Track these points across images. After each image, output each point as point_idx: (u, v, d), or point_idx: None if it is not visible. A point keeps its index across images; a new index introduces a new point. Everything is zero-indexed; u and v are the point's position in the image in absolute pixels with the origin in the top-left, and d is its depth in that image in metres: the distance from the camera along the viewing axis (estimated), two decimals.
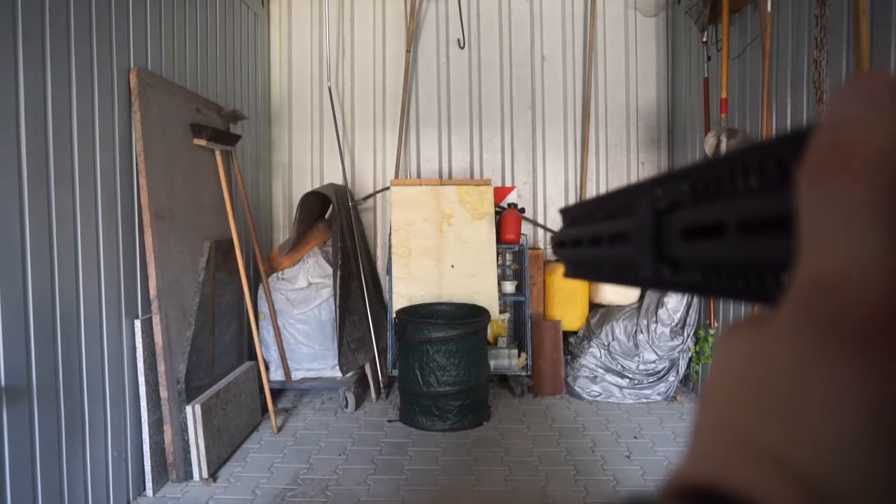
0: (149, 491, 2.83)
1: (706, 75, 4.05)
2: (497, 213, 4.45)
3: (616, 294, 4.32)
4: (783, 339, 0.17)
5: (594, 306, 4.49)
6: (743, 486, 0.15)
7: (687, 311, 4.06)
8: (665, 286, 0.27)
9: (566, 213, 0.41)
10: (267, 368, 3.82)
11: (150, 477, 2.82)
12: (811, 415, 0.15)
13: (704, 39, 4.07)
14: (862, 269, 0.15)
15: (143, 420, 2.81)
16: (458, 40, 4.89)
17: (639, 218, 0.28)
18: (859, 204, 0.15)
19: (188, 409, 2.94)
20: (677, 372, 4.12)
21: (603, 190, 4.95)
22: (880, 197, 0.15)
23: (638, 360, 4.08)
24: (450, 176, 4.92)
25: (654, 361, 4.08)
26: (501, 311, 4.55)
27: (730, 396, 0.18)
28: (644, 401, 4.10)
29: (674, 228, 0.25)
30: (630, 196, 0.29)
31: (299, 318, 3.92)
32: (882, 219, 0.15)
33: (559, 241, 0.41)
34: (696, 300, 4.05)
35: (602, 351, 4.16)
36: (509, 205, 4.50)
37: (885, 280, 0.15)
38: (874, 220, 0.15)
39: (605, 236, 0.33)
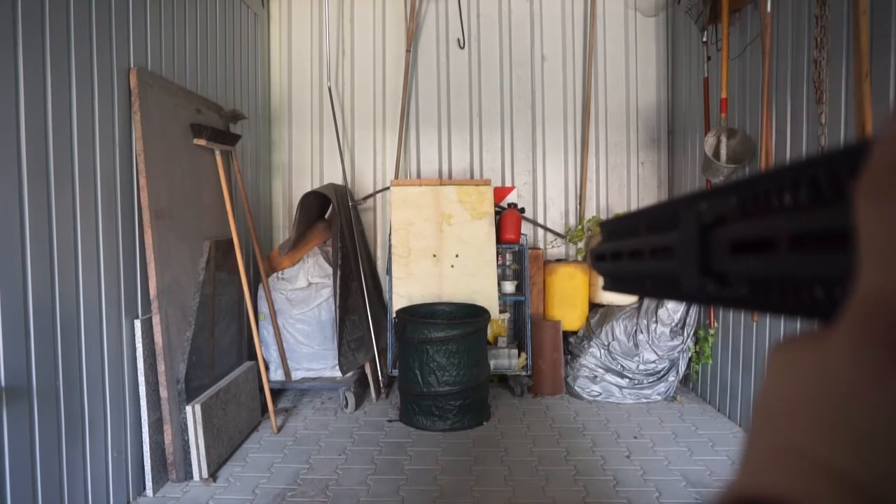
0: (149, 491, 2.83)
1: (706, 75, 4.06)
2: (497, 213, 4.45)
3: (616, 294, 4.32)
4: (842, 357, 0.17)
5: (594, 306, 4.49)
6: (804, 499, 0.15)
7: (687, 311, 4.06)
8: (710, 301, 0.27)
9: (605, 226, 0.41)
10: (267, 368, 3.82)
11: (150, 477, 2.82)
12: (872, 430, 0.15)
13: (704, 39, 4.07)
14: None
15: (143, 420, 2.81)
16: (458, 40, 4.89)
17: (683, 232, 0.27)
18: None
19: (188, 409, 2.95)
20: (677, 372, 4.12)
21: (603, 190, 4.96)
22: None
23: (638, 359, 4.08)
24: (450, 176, 4.92)
25: (654, 361, 4.08)
26: (501, 311, 4.55)
27: (787, 412, 0.18)
28: (644, 401, 4.10)
29: (721, 243, 0.25)
30: (673, 210, 0.29)
31: (299, 317, 3.92)
32: None
33: (598, 255, 0.41)
34: None
35: (602, 351, 4.16)
36: (509, 205, 4.50)
37: None
38: None
39: (646, 250, 0.33)
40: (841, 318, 0.17)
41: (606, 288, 0.40)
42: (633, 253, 0.35)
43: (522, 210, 4.57)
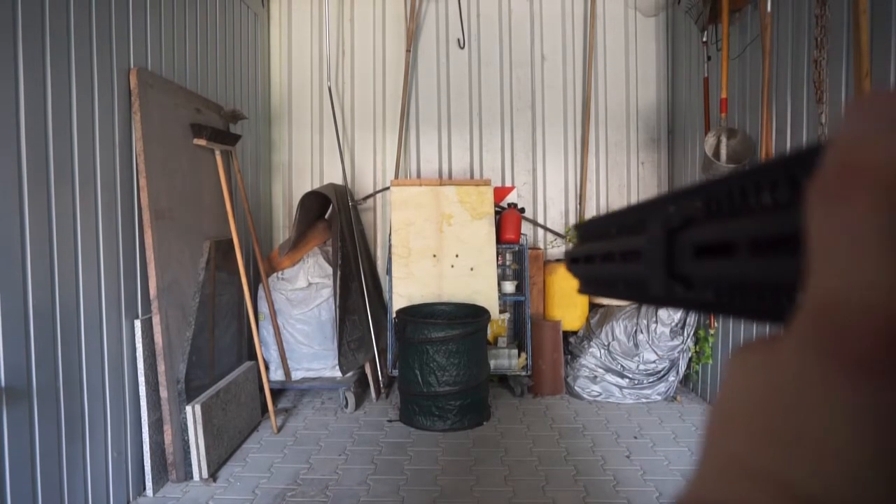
0: (149, 491, 2.83)
1: (706, 75, 4.05)
2: (497, 213, 4.45)
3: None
4: (789, 361, 0.17)
5: (594, 306, 4.49)
6: None
7: (687, 312, 4.06)
8: (678, 304, 0.27)
9: (579, 229, 0.41)
10: (267, 368, 3.82)
11: (150, 477, 2.82)
12: (813, 437, 0.15)
13: (704, 39, 4.07)
14: (868, 292, 0.15)
15: (143, 420, 2.81)
16: (458, 40, 4.89)
17: (651, 235, 0.27)
18: (867, 225, 0.15)
19: (188, 409, 2.95)
20: (677, 372, 4.12)
21: (603, 190, 4.97)
22: (888, 219, 0.15)
23: (638, 359, 4.08)
24: (450, 176, 4.92)
25: (654, 361, 4.08)
26: (501, 311, 4.55)
27: (734, 418, 0.18)
28: (644, 401, 4.10)
29: (686, 246, 0.25)
30: (643, 213, 0.29)
31: (299, 318, 3.92)
32: (889, 241, 0.15)
33: (572, 257, 0.41)
34: None
35: (602, 351, 4.16)
36: (509, 205, 4.50)
37: (891, 304, 0.14)
38: (881, 242, 0.15)
39: (617, 253, 0.33)
40: (791, 323, 0.17)
41: (581, 291, 0.41)
42: (605, 256, 0.35)
43: (522, 210, 4.57)
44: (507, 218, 4.38)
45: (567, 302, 4.42)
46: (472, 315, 3.88)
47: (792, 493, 0.15)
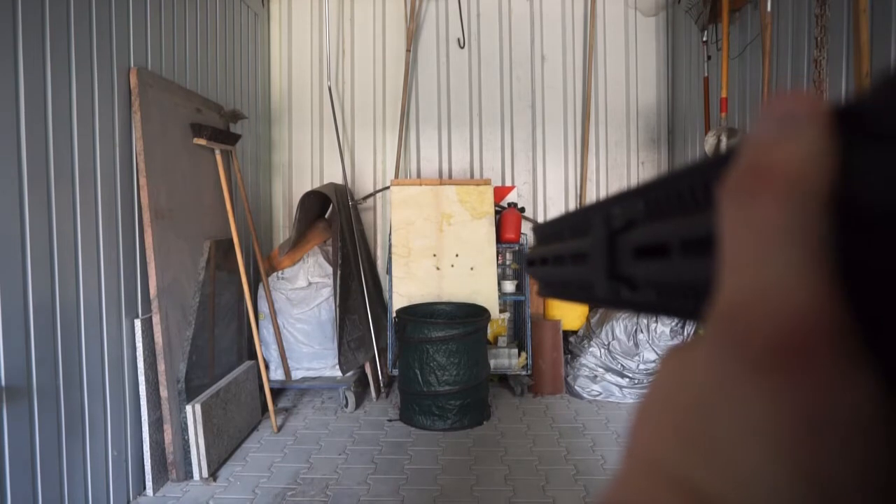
0: (149, 490, 2.83)
1: (706, 75, 4.05)
2: (497, 212, 4.45)
3: None
4: (699, 361, 0.17)
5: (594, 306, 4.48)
6: None
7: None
8: (623, 306, 0.27)
9: (537, 231, 0.41)
10: (267, 368, 3.82)
11: (150, 476, 2.83)
12: (717, 438, 0.15)
13: (704, 39, 4.07)
14: (771, 292, 0.15)
15: (143, 419, 2.81)
16: (458, 40, 4.89)
17: (595, 237, 0.28)
18: (772, 225, 0.15)
19: (188, 408, 2.95)
20: None
21: (603, 190, 4.97)
22: (792, 219, 0.15)
23: (638, 359, 4.08)
24: (450, 176, 4.92)
25: (654, 361, 4.08)
26: (501, 311, 4.55)
27: (653, 421, 0.18)
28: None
29: (627, 247, 0.25)
30: (589, 215, 0.29)
31: (299, 317, 3.92)
32: (793, 241, 0.15)
33: (529, 260, 0.41)
34: None
35: (602, 350, 4.16)
36: (509, 204, 4.50)
37: (794, 302, 0.14)
38: (785, 242, 0.15)
39: (567, 255, 0.33)
40: (704, 323, 0.17)
41: (540, 294, 0.41)
42: (556, 259, 0.35)
43: (522, 210, 4.57)
44: (507, 217, 4.38)
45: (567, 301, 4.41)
46: (472, 315, 3.88)
47: (695, 494, 0.15)
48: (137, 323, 2.80)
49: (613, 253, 0.26)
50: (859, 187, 0.14)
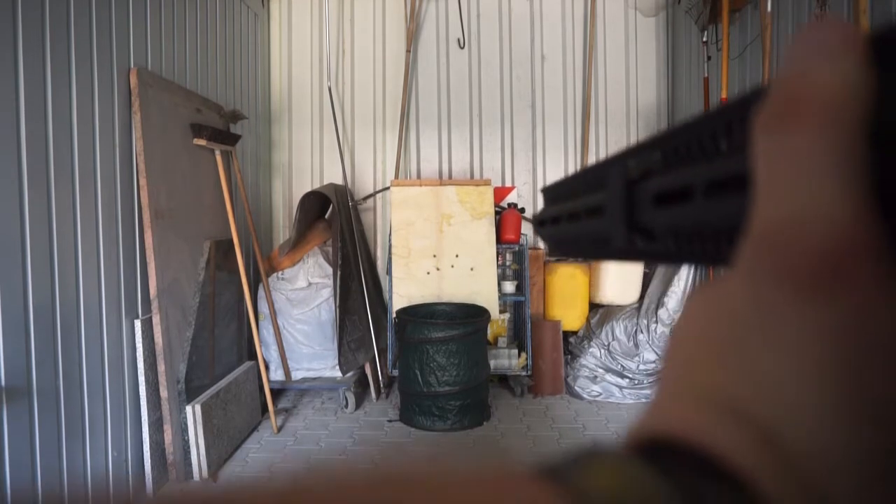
0: (149, 490, 2.83)
1: (706, 75, 4.05)
2: (497, 213, 4.45)
3: (616, 294, 4.32)
4: (736, 288, 0.17)
5: (594, 306, 4.49)
6: (698, 434, 0.15)
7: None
8: (640, 256, 0.27)
9: (547, 192, 0.41)
10: (267, 368, 3.82)
11: (150, 476, 2.82)
12: (763, 361, 0.15)
13: (704, 39, 4.07)
14: (811, 215, 0.15)
15: (143, 420, 2.81)
16: (458, 40, 4.89)
17: (611, 188, 0.28)
18: (810, 151, 0.15)
19: (188, 408, 2.94)
20: None
21: None
22: (831, 144, 0.15)
23: (638, 359, 4.08)
24: (450, 176, 4.92)
25: (654, 361, 4.08)
26: (501, 311, 4.55)
27: (687, 348, 0.18)
28: (644, 401, 4.10)
29: (645, 196, 0.25)
30: (605, 169, 0.29)
31: (299, 318, 3.92)
32: (830, 167, 0.15)
33: (540, 220, 0.41)
34: None
35: (602, 351, 4.16)
36: (509, 205, 4.50)
37: (833, 225, 0.15)
38: (823, 168, 0.15)
39: (582, 211, 0.33)
40: (738, 253, 0.17)
41: (549, 253, 0.41)
42: (571, 215, 0.35)
43: (522, 210, 4.57)
44: (507, 218, 4.38)
45: (567, 302, 4.42)
46: (472, 315, 3.88)
47: (736, 413, 0.15)
48: (137, 323, 2.80)
49: (631, 202, 0.26)
50: (893, 111, 0.14)
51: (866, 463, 0.14)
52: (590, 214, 0.31)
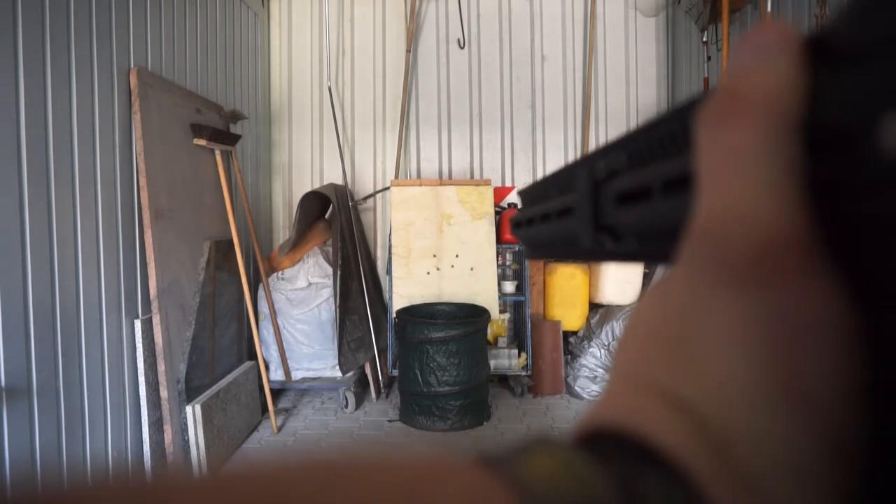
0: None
1: (706, 75, 4.06)
2: (497, 213, 4.45)
3: (616, 294, 4.32)
4: (677, 279, 0.17)
5: (594, 306, 4.49)
6: (636, 422, 0.16)
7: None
8: (607, 257, 0.27)
9: (523, 194, 0.41)
10: (267, 368, 3.82)
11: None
12: (698, 349, 0.16)
13: (704, 39, 4.07)
14: (746, 209, 0.16)
15: (143, 420, 2.81)
16: (458, 40, 4.89)
17: (579, 189, 0.28)
18: (745, 147, 0.16)
19: (188, 409, 2.94)
20: None
21: None
22: (765, 140, 0.16)
23: None
24: (450, 176, 4.92)
25: None
26: (501, 311, 4.55)
27: (633, 342, 0.18)
28: None
29: (609, 196, 0.26)
30: (574, 170, 0.30)
31: (299, 318, 3.92)
32: (765, 162, 0.16)
33: (516, 222, 0.41)
34: None
35: (602, 351, 4.16)
36: (509, 205, 4.50)
37: (764, 218, 0.15)
38: (758, 162, 0.16)
39: (553, 212, 0.33)
40: (682, 247, 0.18)
41: (527, 256, 0.42)
42: (543, 216, 0.35)
43: None
44: (507, 218, 4.38)
45: (567, 302, 4.42)
46: (472, 315, 3.88)
47: (677, 401, 0.16)
48: (137, 323, 2.80)
49: (598, 203, 0.27)
50: (825, 110, 0.15)
51: (794, 446, 0.14)
52: (560, 215, 0.32)
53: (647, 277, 4.30)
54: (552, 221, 0.33)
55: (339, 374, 3.90)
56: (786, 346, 0.15)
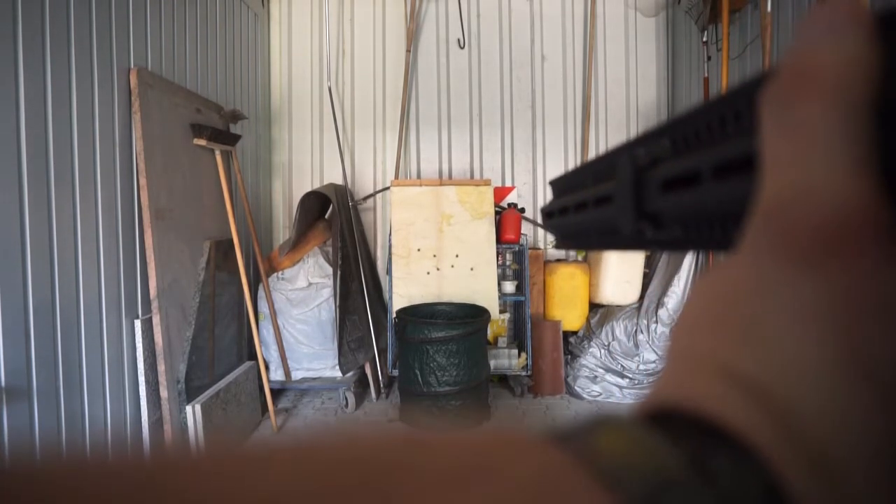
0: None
1: (706, 75, 4.06)
2: (497, 213, 4.45)
3: (616, 294, 4.32)
4: (741, 263, 0.17)
5: (594, 306, 4.49)
6: (699, 401, 0.15)
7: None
8: (646, 245, 0.27)
9: (555, 183, 0.41)
10: (267, 368, 3.82)
11: None
12: (767, 329, 0.16)
13: (704, 39, 4.07)
14: (815, 186, 0.15)
15: (143, 420, 2.81)
16: (458, 40, 4.89)
17: (620, 177, 0.28)
18: (815, 125, 0.16)
19: (188, 409, 2.94)
20: None
21: None
22: (836, 117, 0.15)
23: (638, 360, 4.08)
24: (450, 176, 4.92)
25: (654, 361, 4.08)
26: (501, 311, 4.55)
27: (694, 320, 0.18)
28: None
29: (653, 183, 0.25)
30: (614, 157, 0.29)
31: (299, 318, 3.92)
32: (837, 140, 0.15)
33: (548, 212, 0.41)
34: None
35: (602, 351, 4.16)
36: (509, 205, 4.50)
37: (838, 195, 0.15)
38: (830, 141, 0.15)
39: (590, 200, 0.33)
40: (745, 229, 0.17)
41: (557, 245, 0.41)
42: (579, 206, 0.35)
43: (522, 210, 4.57)
44: (507, 218, 4.38)
45: (567, 302, 4.42)
46: (472, 315, 3.88)
47: (746, 381, 0.15)
48: (137, 323, 2.80)
49: (640, 190, 0.26)
50: None
51: (865, 422, 0.14)
52: (598, 204, 0.31)
53: (646, 277, 4.30)
54: (588, 210, 0.33)
55: (338, 374, 3.90)
56: (860, 327, 0.14)
